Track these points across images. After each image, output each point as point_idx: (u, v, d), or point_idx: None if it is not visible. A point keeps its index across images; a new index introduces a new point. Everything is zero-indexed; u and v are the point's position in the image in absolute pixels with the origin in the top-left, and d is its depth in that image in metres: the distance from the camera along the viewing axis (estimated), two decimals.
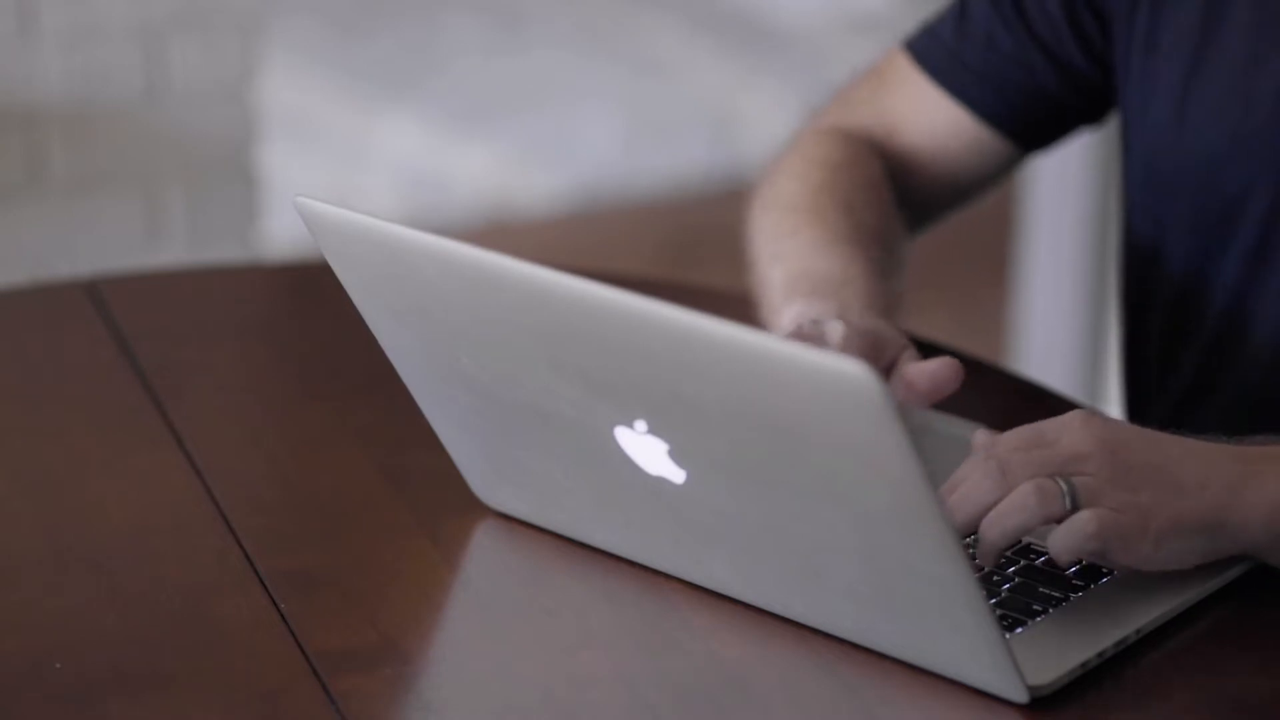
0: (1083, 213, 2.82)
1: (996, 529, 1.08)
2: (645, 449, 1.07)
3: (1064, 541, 1.07)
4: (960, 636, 1.03)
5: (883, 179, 1.45)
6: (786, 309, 1.29)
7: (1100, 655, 1.07)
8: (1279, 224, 1.35)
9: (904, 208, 1.47)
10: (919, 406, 1.19)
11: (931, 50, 1.46)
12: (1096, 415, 1.11)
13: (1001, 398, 1.39)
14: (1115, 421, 1.12)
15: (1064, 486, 1.08)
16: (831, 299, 1.28)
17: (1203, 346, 1.40)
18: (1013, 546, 1.14)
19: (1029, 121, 1.45)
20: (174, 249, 2.62)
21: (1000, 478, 1.09)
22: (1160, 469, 1.10)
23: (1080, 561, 1.13)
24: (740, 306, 1.35)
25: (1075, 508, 1.08)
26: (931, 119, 1.46)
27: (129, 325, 1.47)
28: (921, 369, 1.18)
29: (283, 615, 1.12)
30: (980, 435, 1.12)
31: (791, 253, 1.35)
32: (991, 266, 3.33)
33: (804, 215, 1.39)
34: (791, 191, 1.42)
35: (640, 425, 1.05)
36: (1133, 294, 1.47)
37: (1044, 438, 1.10)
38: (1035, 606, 1.10)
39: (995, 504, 1.09)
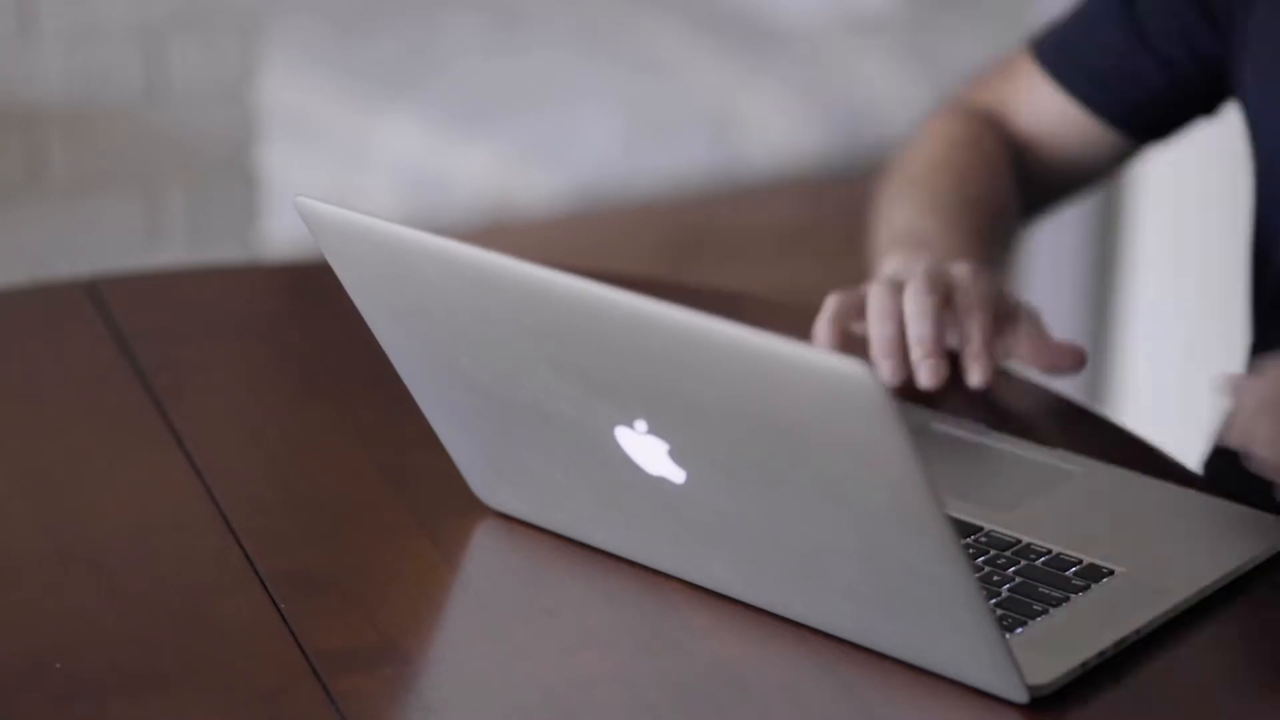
0: (1084, 211, 2.82)
1: None
2: (645, 449, 1.07)
3: None
4: (960, 636, 1.03)
5: (1000, 155, 1.53)
6: (886, 262, 1.39)
7: (1100, 655, 1.07)
8: None
9: (1022, 190, 1.55)
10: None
11: (1048, 45, 1.55)
12: None
13: (1001, 398, 1.39)
14: None
15: None
16: (926, 254, 1.37)
17: None
18: (1013, 546, 1.15)
19: (1138, 116, 1.52)
20: (174, 249, 2.62)
21: None
22: None
23: (1080, 561, 1.13)
24: (740, 306, 1.36)
25: None
26: (1044, 110, 1.54)
27: (129, 325, 1.47)
28: (1053, 349, 1.32)
29: (283, 615, 1.12)
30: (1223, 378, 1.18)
31: (898, 215, 1.47)
32: None
33: (917, 183, 1.50)
34: (912, 163, 1.54)
35: (640, 425, 1.05)
36: (1260, 285, 1.48)
37: None
38: (1035, 606, 1.10)
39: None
